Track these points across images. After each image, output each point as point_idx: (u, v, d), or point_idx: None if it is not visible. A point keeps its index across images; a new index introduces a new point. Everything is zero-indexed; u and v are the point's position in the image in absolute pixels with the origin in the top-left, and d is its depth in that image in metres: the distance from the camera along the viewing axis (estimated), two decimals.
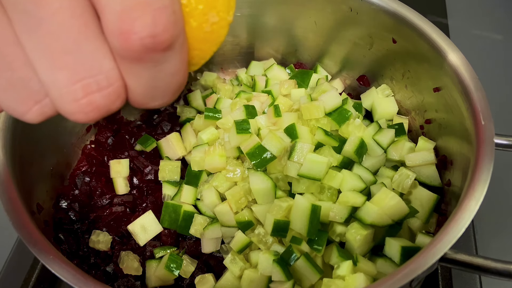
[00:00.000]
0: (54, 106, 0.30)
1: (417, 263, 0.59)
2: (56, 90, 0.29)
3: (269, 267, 0.74)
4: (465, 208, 0.63)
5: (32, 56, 0.28)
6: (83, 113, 0.30)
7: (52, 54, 0.27)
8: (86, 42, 0.27)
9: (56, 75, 0.28)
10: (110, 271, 0.83)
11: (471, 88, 0.74)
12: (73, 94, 0.29)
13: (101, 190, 0.91)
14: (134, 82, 0.30)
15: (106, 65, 0.28)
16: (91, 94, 0.29)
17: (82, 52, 0.27)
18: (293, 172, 0.80)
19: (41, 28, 0.27)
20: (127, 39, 0.26)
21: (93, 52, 0.28)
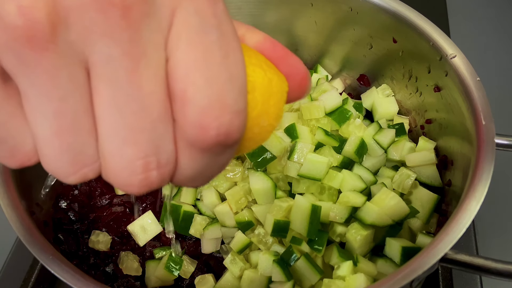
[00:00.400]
0: (103, 172, 0.32)
1: (417, 263, 0.59)
2: (116, 162, 0.30)
3: (269, 268, 0.74)
4: (466, 208, 0.63)
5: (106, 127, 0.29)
6: (136, 187, 0.31)
7: (129, 131, 0.29)
8: (161, 124, 0.30)
9: (124, 149, 0.30)
10: (109, 272, 0.83)
11: (472, 88, 0.74)
12: (133, 169, 0.30)
13: (100, 190, 0.90)
14: (189, 166, 0.32)
15: (168, 147, 0.31)
16: (150, 171, 0.31)
17: (155, 132, 0.30)
18: (293, 172, 0.80)
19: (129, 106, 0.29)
20: (205, 133, 0.29)
21: (163, 134, 0.30)
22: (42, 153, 0.30)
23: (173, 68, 0.29)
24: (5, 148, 0.31)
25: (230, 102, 0.30)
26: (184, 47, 0.29)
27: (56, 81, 0.27)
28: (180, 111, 0.30)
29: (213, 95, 0.29)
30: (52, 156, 0.30)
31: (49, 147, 0.30)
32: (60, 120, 0.29)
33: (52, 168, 0.31)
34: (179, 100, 0.29)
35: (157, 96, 0.29)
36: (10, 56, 0.26)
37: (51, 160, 0.30)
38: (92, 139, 0.30)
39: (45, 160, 0.31)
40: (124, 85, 0.28)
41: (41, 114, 0.29)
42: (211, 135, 0.30)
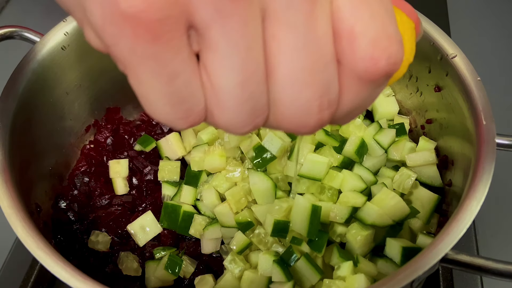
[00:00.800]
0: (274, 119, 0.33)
1: (418, 263, 0.58)
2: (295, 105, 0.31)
3: (269, 268, 0.74)
4: (466, 209, 0.62)
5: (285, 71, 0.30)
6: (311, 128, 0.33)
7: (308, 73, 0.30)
8: (332, 65, 0.31)
9: (303, 91, 0.31)
10: (109, 272, 0.83)
11: (472, 87, 0.74)
12: (310, 110, 0.32)
13: (100, 190, 0.90)
14: (351, 101, 0.33)
15: (336, 85, 0.32)
16: (324, 111, 0.32)
17: (328, 73, 0.31)
18: (293, 172, 0.80)
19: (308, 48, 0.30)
20: (376, 63, 0.30)
21: (333, 74, 0.31)
22: (223, 106, 0.31)
23: (338, 8, 0.30)
24: (183, 108, 0.31)
25: (393, 33, 0.31)
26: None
27: (246, 30, 0.28)
28: (348, 47, 0.31)
29: (379, 28, 0.30)
30: (234, 107, 0.31)
31: (233, 98, 0.30)
32: (246, 70, 0.29)
33: (230, 120, 0.32)
34: (346, 37, 0.30)
35: (329, 37, 0.30)
36: (209, 6, 0.27)
37: (231, 111, 0.31)
38: (266, 87, 0.31)
39: (225, 112, 0.31)
40: (304, 28, 0.29)
41: (229, 65, 0.29)
42: (382, 65, 0.31)
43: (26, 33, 0.87)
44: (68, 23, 0.84)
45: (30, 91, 0.80)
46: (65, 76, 0.87)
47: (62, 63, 0.85)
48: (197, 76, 0.30)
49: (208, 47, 0.29)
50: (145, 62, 0.28)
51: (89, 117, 0.97)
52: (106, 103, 0.99)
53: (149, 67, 0.28)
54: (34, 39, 0.86)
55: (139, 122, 1.01)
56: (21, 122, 0.77)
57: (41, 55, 0.82)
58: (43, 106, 0.84)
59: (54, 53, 0.83)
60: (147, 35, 0.27)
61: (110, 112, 0.99)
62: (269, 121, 0.33)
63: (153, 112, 0.31)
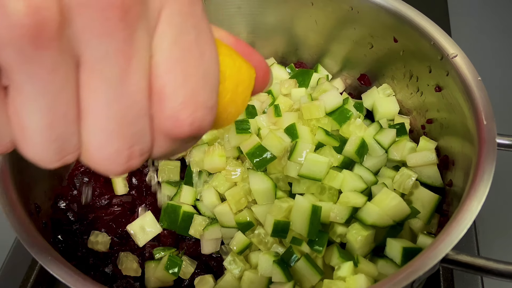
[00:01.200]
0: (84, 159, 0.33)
1: (418, 264, 0.58)
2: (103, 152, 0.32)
3: (269, 268, 0.74)
4: (467, 209, 0.62)
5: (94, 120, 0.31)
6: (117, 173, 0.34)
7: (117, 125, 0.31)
8: (144, 118, 0.32)
9: (111, 141, 0.32)
10: (109, 272, 0.83)
11: (473, 87, 0.74)
12: (118, 159, 0.32)
13: (99, 190, 0.90)
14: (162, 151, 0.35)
15: (148, 137, 0.33)
16: (132, 160, 0.33)
17: (139, 126, 0.32)
18: (293, 173, 0.80)
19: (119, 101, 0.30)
20: (180, 126, 0.32)
21: (145, 127, 0.32)
22: (29, 143, 0.31)
23: (155, 66, 0.31)
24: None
25: (203, 99, 0.33)
26: (167, 46, 0.31)
27: (53, 76, 0.28)
28: (157, 105, 0.32)
29: (188, 93, 0.32)
30: (40, 146, 0.31)
31: (39, 137, 0.30)
32: (53, 113, 0.29)
33: (36, 156, 0.32)
34: (157, 95, 0.31)
35: (143, 92, 0.31)
36: (11, 52, 0.26)
37: (38, 149, 0.31)
38: (76, 129, 0.31)
39: (31, 149, 0.31)
40: (116, 81, 0.29)
41: (35, 108, 0.29)
42: (184, 129, 0.32)
43: None
44: None
45: None
46: None
47: None
48: (5, 110, 0.30)
49: (14, 87, 0.29)
50: None
51: None
52: None
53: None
54: None
55: None
56: None
57: None
58: None
59: None
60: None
61: None
62: (81, 159, 0.33)
63: None
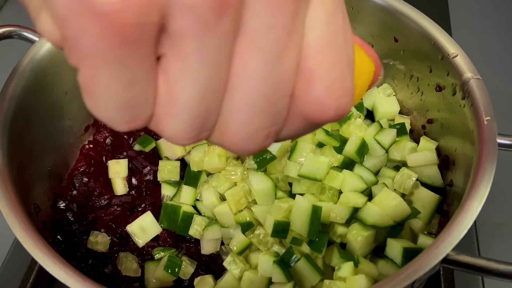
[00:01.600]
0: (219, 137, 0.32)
1: (419, 264, 0.58)
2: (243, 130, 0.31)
3: (269, 268, 0.74)
4: (468, 209, 0.62)
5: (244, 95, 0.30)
6: (250, 152, 0.32)
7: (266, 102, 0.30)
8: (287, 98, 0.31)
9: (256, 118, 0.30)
10: (108, 273, 0.82)
11: (474, 87, 0.74)
12: (256, 138, 0.31)
13: (99, 190, 0.90)
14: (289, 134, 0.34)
15: (283, 118, 0.32)
16: (268, 140, 0.32)
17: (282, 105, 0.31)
18: (293, 173, 0.79)
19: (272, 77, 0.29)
20: (324, 111, 0.31)
21: (285, 107, 0.31)
22: (173, 117, 0.30)
23: (308, 45, 0.30)
24: (131, 113, 0.29)
25: (349, 85, 0.32)
26: (320, 27, 0.30)
27: (222, 47, 0.27)
28: (304, 86, 0.31)
29: (337, 77, 0.31)
30: (185, 120, 0.30)
31: (187, 111, 0.29)
32: (209, 87, 0.28)
33: (177, 132, 0.30)
34: (305, 76, 0.30)
35: (293, 70, 0.30)
36: (192, 16, 0.26)
37: (179, 123, 0.30)
38: (220, 105, 0.30)
39: (173, 124, 0.30)
40: (274, 57, 0.28)
41: (194, 79, 0.28)
42: (329, 114, 0.31)
43: (25, 32, 0.86)
44: None
45: (29, 91, 0.79)
46: (64, 76, 0.87)
47: (61, 63, 0.85)
48: (155, 83, 0.29)
49: (176, 55, 0.28)
50: (106, 64, 0.26)
51: (88, 116, 0.96)
52: None
53: (110, 70, 0.27)
54: (33, 38, 0.86)
55: None
56: (20, 122, 0.77)
57: (40, 55, 0.81)
58: (42, 106, 0.84)
59: (53, 52, 0.83)
60: (116, 39, 0.25)
61: None
62: (212, 137, 0.32)
63: (97, 111, 0.29)
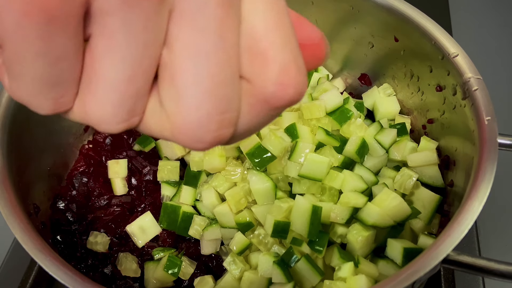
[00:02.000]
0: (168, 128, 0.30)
1: (419, 264, 0.58)
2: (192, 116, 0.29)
3: (269, 269, 0.73)
4: (468, 209, 0.62)
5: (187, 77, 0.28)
6: (206, 144, 0.31)
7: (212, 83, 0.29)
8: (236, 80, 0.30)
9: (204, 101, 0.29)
10: (108, 273, 0.82)
11: (474, 87, 0.73)
12: (209, 124, 0.30)
13: (99, 190, 0.90)
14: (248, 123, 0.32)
15: (237, 104, 0.31)
16: (223, 128, 0.30)
17: (232, 88, 0.30)
18: (293, 173, 0.79)
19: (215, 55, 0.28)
20: (285, 90, 0.30)
21: (236, 90, 0.30)
22: (99, 97, 0.28)
23: (252, 28, 0.29)
24: (56, 90, 0.28)
25: (301, 64, 0.31)
26: (264, 9, 0.30)
27: (149, 25, 0.27)
28: (260, 68, 0.30)
29: (291, 56, 0.30)
30: (112, 102, 0.28)
31: (114, 92, 0.28)
32: (138, 66, 0.27)
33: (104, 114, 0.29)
34: (259, 59, 0.30)
35: (236, 50, 0.29)
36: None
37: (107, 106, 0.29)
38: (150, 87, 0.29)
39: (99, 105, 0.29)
40: (213, 33, 0.28)
41: (121, 57, 0.27)
42: (290, 92, 0.30)
43: None
44: None
45: None
46: None
47: None
48: (81, 60, 0.28)
49: (102, 33, 0.27)
50: (31, 41, 0.25)
51: None
52: None
53: (35, 47, 0.25)
54: None
55: None
56: (19, 122, 0.77)
57: None
58: None
59: None
60: (41, 15, 0.24)
61: None
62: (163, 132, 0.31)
63: (18, 91, 0.28)
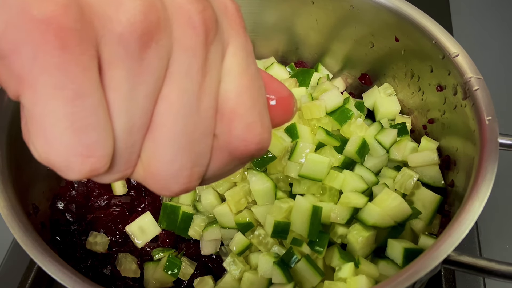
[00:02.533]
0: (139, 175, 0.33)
1: (420, 265, 0.58)
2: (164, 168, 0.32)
3: (269, 269, 0.73)
4: (469, 209, 0.62)
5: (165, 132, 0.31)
6: (173, 193, 0.34)
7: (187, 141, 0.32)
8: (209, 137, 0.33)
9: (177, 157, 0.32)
10: (107, 273, 0.82)
11: (475, 87, 0.73)
12: (179, 177, 0.33)
13: (98, 191, 0.89)
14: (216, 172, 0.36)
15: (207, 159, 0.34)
16: (191, 182, 0.34)
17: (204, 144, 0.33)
18: (293, 173, 0.79)
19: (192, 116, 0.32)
20: (248, 145, 0.34)
21: (208, 146, 0.34)
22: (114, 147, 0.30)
23: (226, 91, 0.33)
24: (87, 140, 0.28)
25: (266, 123, 0.35)
26: (236, 74, 0.34)
27: (147, 78, 0.29)
28: (227, 125, 0.33)
29: (256, 116, 0.34)
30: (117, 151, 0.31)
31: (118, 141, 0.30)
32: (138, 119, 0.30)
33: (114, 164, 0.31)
34: (227, 116, 0.33)
35: (212, 112, 0.33)
36: (120, 48, 0.28)
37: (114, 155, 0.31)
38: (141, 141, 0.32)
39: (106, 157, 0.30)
40: (194, 97, 0.31)
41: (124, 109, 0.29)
42: (251, 148, 0.34)
43: None
44: None
45: None
46: None
47: None
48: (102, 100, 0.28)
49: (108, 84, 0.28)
50: (48, 71, 0.26)
51: None
52: None
53: (52, 77, 0.26)
54: None
55: None
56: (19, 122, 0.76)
57: None
58: None
59: None
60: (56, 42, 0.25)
61: None
62: (134, 175, 0.33)
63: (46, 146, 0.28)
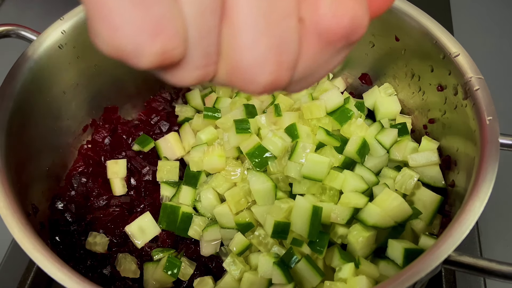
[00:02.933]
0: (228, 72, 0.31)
1: (420, 265, 0.58)
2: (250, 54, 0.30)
3: (269, 270, 0.73)
4: (469, 209, 0.62)
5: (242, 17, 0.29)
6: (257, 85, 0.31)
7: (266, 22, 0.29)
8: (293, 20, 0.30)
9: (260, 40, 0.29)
10: (107, 274, 0.82)
11: (476, 87, 0.73)
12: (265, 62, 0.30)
13: (98, 191, 0.89)
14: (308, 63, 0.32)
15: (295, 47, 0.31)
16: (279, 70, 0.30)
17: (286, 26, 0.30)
18: (293, 173, 0.79)
19: None
20: (339, 22, 0.30)
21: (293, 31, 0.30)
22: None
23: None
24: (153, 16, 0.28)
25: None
26: None
27: None
28: (312, 3, 0.30)
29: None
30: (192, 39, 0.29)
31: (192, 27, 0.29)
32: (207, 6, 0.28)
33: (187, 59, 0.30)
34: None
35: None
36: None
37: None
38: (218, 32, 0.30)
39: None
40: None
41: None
42: (344, 24, 0.30)
43: (23, 31, 0.86)
44: (65, 22, 0.84)
45: (27, 91, 0.79)
46: (62, 75, 0.86)
47: (59, 62, 0.85)
48: None
49: None
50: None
51: (87, 116, 0.96)
52: (103, 102, 0.98)
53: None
54: (31, 37, 0.85)
55: (137, 121, 1.00)
56: (18, 122, 0.77)
57: (38, 54, 0.81)
58: (40, 105, 0.83)
59: (51, 51, 0.82)
60: None
61: (107, 111, 0.98)
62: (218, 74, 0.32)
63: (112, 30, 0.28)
